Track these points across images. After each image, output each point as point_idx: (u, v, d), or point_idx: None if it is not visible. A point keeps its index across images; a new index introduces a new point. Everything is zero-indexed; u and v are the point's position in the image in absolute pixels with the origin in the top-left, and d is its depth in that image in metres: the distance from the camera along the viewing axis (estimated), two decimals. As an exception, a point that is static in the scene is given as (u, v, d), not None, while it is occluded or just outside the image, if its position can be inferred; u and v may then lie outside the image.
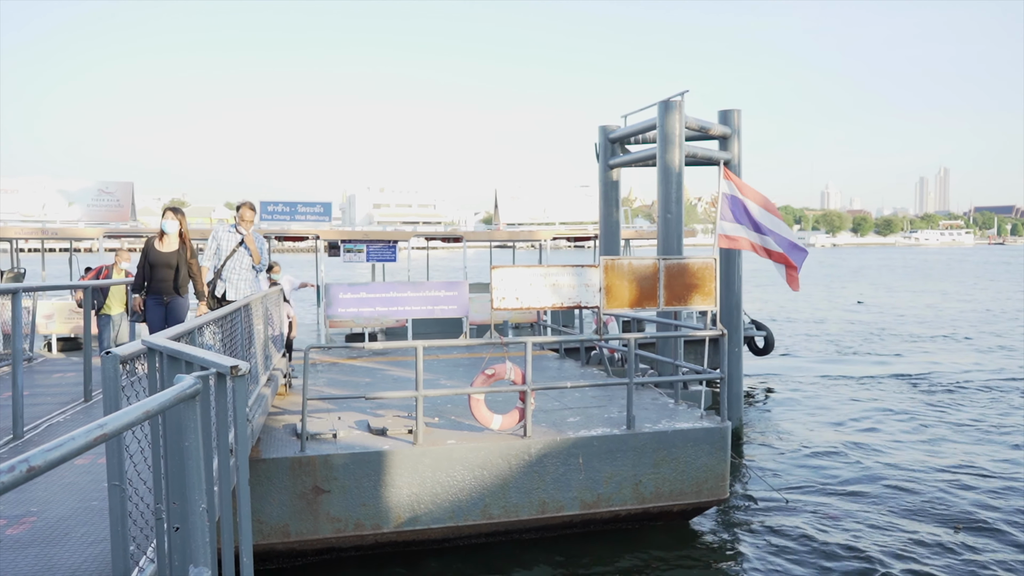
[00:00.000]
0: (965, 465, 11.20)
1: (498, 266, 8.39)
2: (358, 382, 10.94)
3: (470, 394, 7.97)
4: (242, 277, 8.75)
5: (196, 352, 3.38)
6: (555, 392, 9.96)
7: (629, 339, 8.46)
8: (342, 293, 13.33)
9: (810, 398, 15.98)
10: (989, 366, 20.19)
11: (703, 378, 9.22)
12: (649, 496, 8.15)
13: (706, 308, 8.95)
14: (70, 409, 7.49)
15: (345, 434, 7.84)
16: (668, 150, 11.97)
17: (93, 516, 4.38)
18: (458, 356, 13.33)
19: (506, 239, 20.44)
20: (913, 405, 15.32)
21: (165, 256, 8.25)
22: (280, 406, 9.22)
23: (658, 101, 12.19)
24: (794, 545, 8.37)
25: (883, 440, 12.54)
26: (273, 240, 18.41)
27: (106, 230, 15.93)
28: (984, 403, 15.47)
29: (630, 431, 8.12)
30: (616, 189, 15.00)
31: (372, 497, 7.37)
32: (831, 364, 20.58)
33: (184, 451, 2.93)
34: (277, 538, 7.20)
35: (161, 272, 8.24)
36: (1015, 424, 13.60)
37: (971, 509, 9.39)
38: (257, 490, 7.05)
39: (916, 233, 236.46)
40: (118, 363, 3.22)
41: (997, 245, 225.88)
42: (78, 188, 17.50)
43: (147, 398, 2.61)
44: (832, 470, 10.97)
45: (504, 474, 7.70)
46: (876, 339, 25.56)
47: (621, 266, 8.63)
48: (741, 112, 13.09)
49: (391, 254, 17.32)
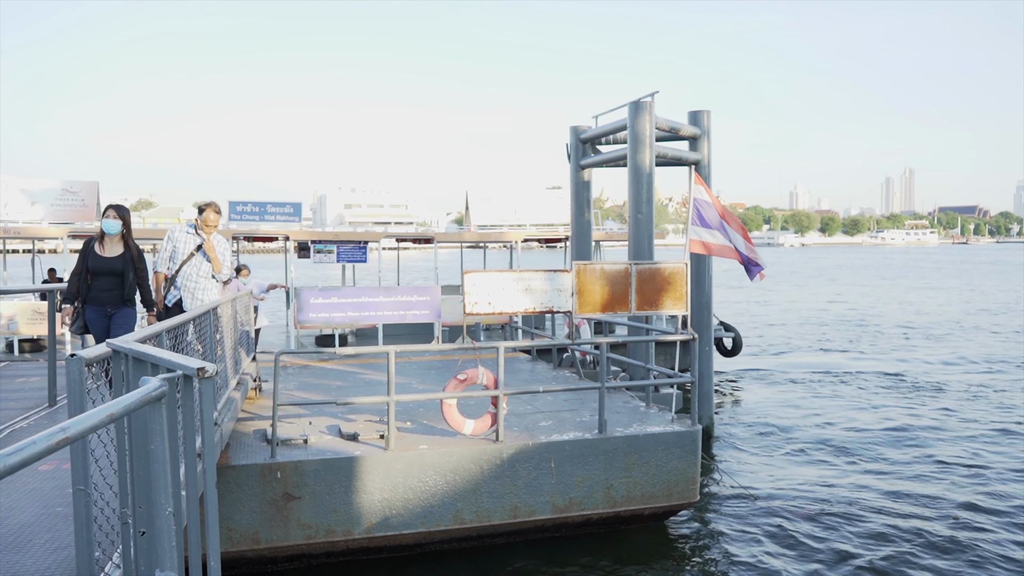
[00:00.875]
0: (936, 460, 11.39)
1: (470, 271, 8.36)
2: (329, 385, 10.86)
3: (442, 399, 7.94)
4: (199, 286, 7.82)
5: (162, 354, 3.33)
6: (527, 395, 9.95)
7: (601, 343, 8.48)
8: (313, 298, 13.23)
9: (779, 397, 16.13)
10: (961, 362, 20.58)
11: (674, 382, 9.25)
12: (620, 500, 8.17)
13: (677, 312, 8.99)
14: (34, 414, 7.35)
15: (316, 439, 7.77)
16: (638, 151, 12.02)
17: (58, 522, 4.29)
18: (430, 359, 13.27)
19: (477, 240, 20.42)
20: (883, 401, 15.54)
21: (108, 262, 7.28)
22: (250, 411, 9.12)
23: (628, 102, 12.24)
24: (765, 544, 8.43)
25: (853, 437, 12.68)
26: (242, 241, 18.25)
27: (70, 230, 15.64)
28: (955, 398, 15.73)
29: (602, 435, 8.13)
30: (587, 189, 15.04)
31: (343, 503, 7.31)
32: (800, 362, 20.80)
33: (150, 454, 2.88)
34: (247, 545, 7.11)
35: (104, 280, 7.27)
36: (985, 419, 13.83)
37: (944, 503, 9.54)
38: (227, 497, 6.96)
39: (883, 233, 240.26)
40: (83, 366, 3.16)
41: (961, 245, 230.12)
42: (41, 188, 17.15)
43: (111, 401, 2.56)
44: (802, 468, 11.07)
45: (476, 479, 7.67)
46: (846, 337, 25.86)
47: (593, 271, 8.64)
48: (711, 113, 13.20)
49: (362, 255, 17.24)
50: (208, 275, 7.87)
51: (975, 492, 10.06)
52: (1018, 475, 10.78)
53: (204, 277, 7.84)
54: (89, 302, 7.29)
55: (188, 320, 5.65)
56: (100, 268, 7.25)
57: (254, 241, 18.10)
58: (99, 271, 7.25)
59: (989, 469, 11.02)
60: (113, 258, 7.30)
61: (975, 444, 12.38)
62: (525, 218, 20.39)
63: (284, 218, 17.38)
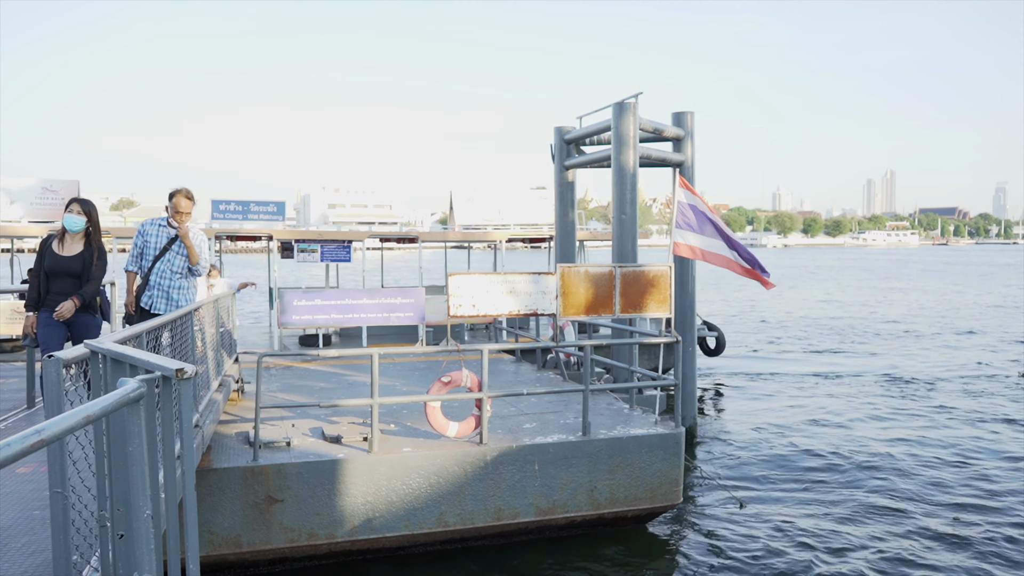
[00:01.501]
0: (922, 459, 11.48)
1: (455, 273, 8.32)
2: (313, 387, 10.80)
3: (426, 401, 7.91)
4: (174, 284, 7.05)
5: (141, 355, 3.28)
6: (512, 397, 9.93)
7: (585, 346, 8.48)
8: (296, 300, 13.13)
9: (763, 397, 16.19)
10: (944, 362, 20.75)
11: (658, 384, 9.26)
12: (604, 502, 8.16)
13: (661, 315, 9.00)
14: (11, 416, 7.26)
15: (299, 442, 7.71)
16: (622, 151, 12.04)
17: (35, 525, 4.23)
18: (415, 359, 13.23)
19: (462, 240, 20.38)
20: (868, 401, 15.65)
21: (66, 261, 6.46)
22: (232, 413, 9.04)
23: (612, 103, 12.26)
24: (748, 546, 8.45)
25: (837, 437, 12.75)
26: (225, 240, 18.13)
27: (50, 229, 15.46)
28: (937, 397, 15.87)
29: (585, 437, 8.13)
30: (571, 190, 15.05)
31: (326, 506, 7.26)
32: (784, 363, 20.93)
33: (128, 456, 2.85)
34: (229, 549, 7.05)
35: (61, 282, 6.44)
36: (972, 417, 13.95)
37: (929, 503, 9.60)
38: (208, 500, 6.90)
39: (864, 234, 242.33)
40: (61, 367, 3.11)
41: (941, 246, 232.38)
42: (20, 186, 16.99)
43: (89, 402, 2.52)
44: (785, 469, 11.11)
45: (460, 481, 7.64)
46: (830, 337, 26.01)
47: (577, 273, 8.63)
48: (694, 114, 13.24)
49: (346, 254, 17.16)
50: (184, 271, 7.12)
51: (962, 493, 10.11)
52: (1009, 471, 10.88)
53: (179, 275, 7.10)
54: (45, 306, 6.49)
55: (169, 322, 5.58)
56: (56, 268, 6.43)
57: (237, 240, 17.99)
58: (55, 272, 6.44)
59: (977, 468, 11.11)
60: (71, 257, 6.51)
61: (963, 442, 12.48)
62: (509, 218, 20.38)
63: (267, 217, 17.30)
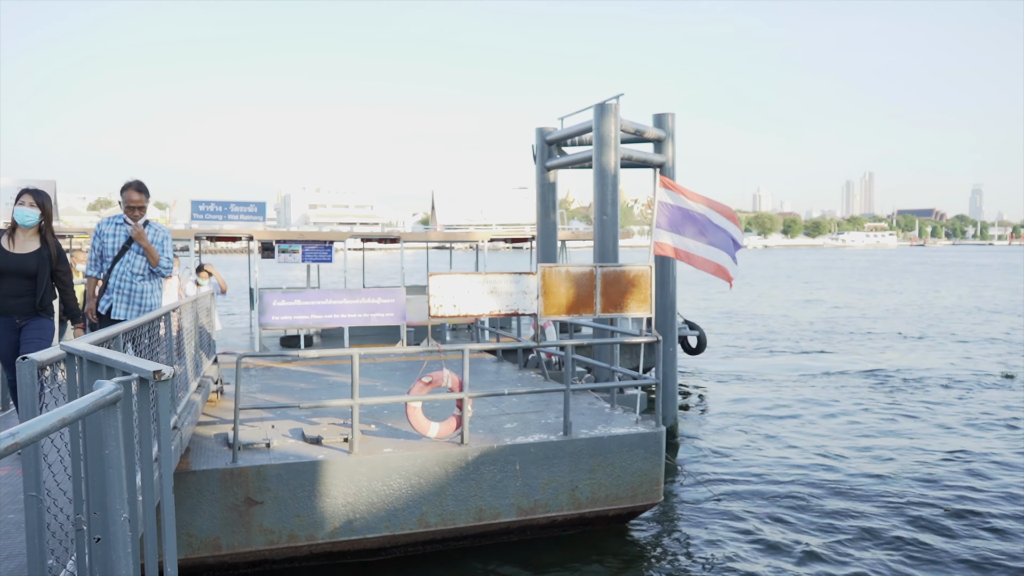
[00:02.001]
0: (907, 457, 11.57)
1: (435, 273, 8.30)
2: (293, 388, 10.74)
3: (407, 402, 7.90)
4: (136, 287, 6.59)
5: (118, 357, 3.26)
6: (493, 397, 9.92)
7: (566, 345, 8.49)
8: (276, 301, 13.06)
9: (745, 396, 16.26)
10: (927, 361, 20.91)
11: (639, 383, 9.29)
12: (585, 501, 8.18)
13: (642, 315, 9.02)
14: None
15: (279, 443, 7.67)
16: (604, 152, 12.06)
17: (10, 529, 4.18)
18: (396, 359, 13.19)
19: (443, 240, 20.37)
20: (850, 399, 15.78)
21: (18, 260, 5.90)
22: (211, 414, 8.99)
23: (594, 104, 12.28)
24: (729, 544, 8.48)
25: (817, 436, 12.83)
26: (205, 240, 18.01)
27: None
28: (920, 395, 16.03)
29: (567, 437, 8.14)
30: (553, 191, 15.06)
31: (307, 508, 7.23)
32: (766, 361, 21.02)
33: (105, 459, 2.82)
34: (208, 552, 7.00)
35: (12, 283, 5.86)
36: (958, 413, 14.10)
37: (915, 502, 9.67)
38: (187, 502, 6.84)
39: (843, 235, 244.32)
40: (35, 369, 3.09)
41: (918, 247, 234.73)
42: (-4, 187, 16.86)
43: (64, 405, 2.50)
44: (766, 468, 11.16)
45: (441, 482, 7.63)
46: (812, 336, 26.19)
47: (558, 273, 8.64)
48: (675, 116, 13.27)
49: (327, 255, 17.10)
50: (146, 273, 6.66)
51: (948, 490, 10.18)
52: (1000, 467, 11.01)
53: (141, 276, 6.64)
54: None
55: (143, 324, 5.53)
56: (7, 267, 5.85)
57: (217, 241, 17.87)
58: (7, 271, 5.86)
59: (966, 465, 11.21)
60: (25, 255, 5.93)
61: (948, 439, 12.59)
62: (491, 218, 20.41)
63: (248, 218, 17.20)
